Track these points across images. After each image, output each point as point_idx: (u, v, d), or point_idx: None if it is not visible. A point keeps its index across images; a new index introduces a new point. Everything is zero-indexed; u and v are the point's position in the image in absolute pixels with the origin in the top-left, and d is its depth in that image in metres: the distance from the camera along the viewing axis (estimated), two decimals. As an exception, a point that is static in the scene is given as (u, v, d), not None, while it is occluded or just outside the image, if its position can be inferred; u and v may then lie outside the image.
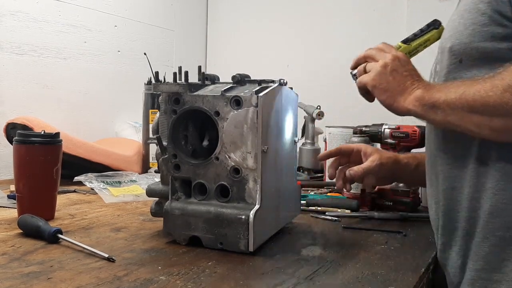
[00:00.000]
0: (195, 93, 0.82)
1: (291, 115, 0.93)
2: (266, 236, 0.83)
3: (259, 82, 0.86)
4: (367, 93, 0.84)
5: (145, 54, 1.59)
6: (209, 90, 0.84)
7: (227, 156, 0.80)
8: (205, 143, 0.85)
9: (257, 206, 0.77)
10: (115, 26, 1.93)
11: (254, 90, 0.80)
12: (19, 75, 1.58)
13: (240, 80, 0.86)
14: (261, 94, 0.78)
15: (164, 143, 0.85)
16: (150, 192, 0.90)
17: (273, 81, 0.86)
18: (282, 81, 0.86)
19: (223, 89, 0.81)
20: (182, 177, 0.84)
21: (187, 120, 0.84)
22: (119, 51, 1.95)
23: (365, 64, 0.85)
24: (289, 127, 0.92)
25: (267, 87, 0.82)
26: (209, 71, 2.41)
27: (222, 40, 2.43)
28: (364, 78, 0.82)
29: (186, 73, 0.87)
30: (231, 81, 0.87)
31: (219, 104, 0.80)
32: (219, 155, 0.80)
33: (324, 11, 2.17)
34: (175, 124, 0.83)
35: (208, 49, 2.47)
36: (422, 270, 0.73)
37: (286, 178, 0.92)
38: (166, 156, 0.85)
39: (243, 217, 0.76)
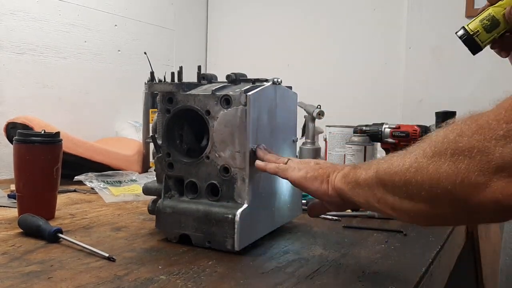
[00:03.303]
0: (187, 92, 0.83)
1: (288, 114, 0.92)
2: (257, 236, 0.83)
3: (253, 81, 0.86)
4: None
5: (145, 53, 1.59)
6: (203, 89, 0.84)
7: (217, 155, 0.80)
8: (204, 142, 0.85)
9: (245, 206, 0.77)
10: (115, 25, 1.93)
11: (243, 89, 0.79)
12: (19, 74, 1.58)
13: (235, 79, 0.86)
14: (249, 93, 0.77)
15: (160, 142, 0.86)
16: (146, 190, 0.91)
17: (267, 80, 0.86)
18: (276, 80, 0.86)
19: (213, 88, 0.81)
20: (175, 175, 0.84)
21: (182, 119, 0.84)
22: (119, 50, 1.95)
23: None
24: (286, 126, 0.91)
25: (258, 86, 0.82)
26: (209, 70, 2.42)
27: (222, 40, 2.43)
28: (286, 176, 0.76)
29: (180, 72, 0.88)
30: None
31: (210, 103, 0.80)
32: (209, 154, 0.81)
33: (324, 10, 2.17)
34: (169, 123, 0.84)
35: (208, 48, 2.47)
36: (422, 270, 0.73)
37: None
38: (160, 154, 0.86)
39: (229, 216, 0.76)
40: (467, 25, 0.77)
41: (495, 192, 0.46)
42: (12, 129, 1.34)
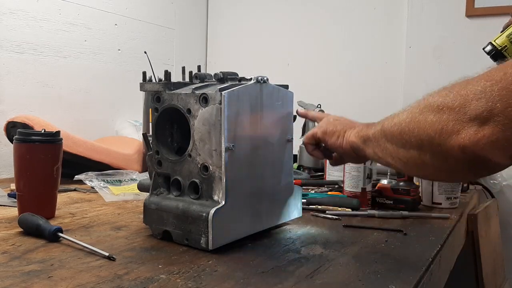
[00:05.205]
0: (172, 91, 0.83)
1: (280, 113, 0.90)
2: (238, 236, 0.82)
3: (240, 79, 0.86)
4: (317, 145, 0.92)
5: (145, 52, 1.59)
6: (187, 88, 0.84)
7: (197, 154, 0.81)
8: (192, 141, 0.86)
9: (221, 204, 0.77)
10: (115, 24, 1.93)
11: (218, 87, 0.79)
12: (19, 73, 1.58)
13: (222, 78, 0.86)
14: (225, 92, 0.77)
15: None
16: (140, 187, 0.94)
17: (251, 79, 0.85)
18: (260, 78, 0.84)
19: (194, 87, 0.81)
20: (163, 173, 0.86)
21: (172, 118, 0.85)
22: (119, 49, 1.95)
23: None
24: (278, 125, 0.90)
25: (240, 85, 0.81)
26: (209, 69, 2.42)
27: (222, 39, 2.43)
28: (312, 131, 0.92)
29: (166, 72, 0.89)
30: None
31: (191, 101, 0.81)
32: (191, 152, 0.81)
33: (325, 9, 2.17)
34: (158, 122, 0.85)
35: (208, 47, 2.47)
36: (422, 269, 0.73)
37: (274, 178, 0.90)
38: (151, 152, 0.87)
39: (203, 214, 0.77)
40: (494, 41, 0.86)
41: (464, 138, 0.53)
42: (12, 128, 1.35)
